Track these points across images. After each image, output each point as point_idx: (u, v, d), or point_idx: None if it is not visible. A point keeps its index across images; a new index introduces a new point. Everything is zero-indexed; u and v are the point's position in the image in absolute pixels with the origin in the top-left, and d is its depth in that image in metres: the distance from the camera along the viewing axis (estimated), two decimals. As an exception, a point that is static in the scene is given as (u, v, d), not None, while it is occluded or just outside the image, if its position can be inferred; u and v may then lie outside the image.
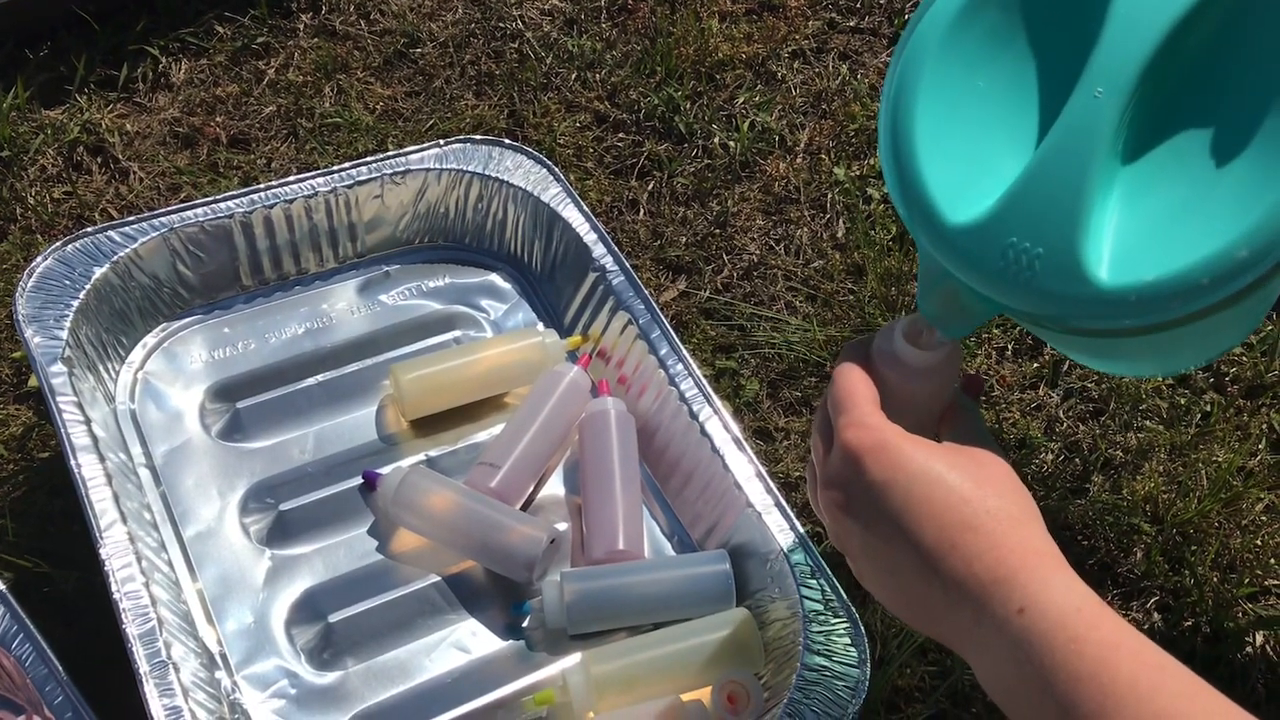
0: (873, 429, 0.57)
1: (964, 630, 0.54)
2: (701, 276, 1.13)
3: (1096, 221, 0.54)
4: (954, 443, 0.59)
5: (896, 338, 0.60)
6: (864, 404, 0.59)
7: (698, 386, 0.93)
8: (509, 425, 0.93)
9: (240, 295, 1.01)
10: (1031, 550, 0.53)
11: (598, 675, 0.80)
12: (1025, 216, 0.55)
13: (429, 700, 0.82)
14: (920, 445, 0.57)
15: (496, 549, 0.86)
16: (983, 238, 0.56)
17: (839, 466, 0.58)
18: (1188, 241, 0.52)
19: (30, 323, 0.88)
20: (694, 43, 1.31)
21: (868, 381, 0.60)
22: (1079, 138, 0.54)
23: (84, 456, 0.82)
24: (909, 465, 0.56)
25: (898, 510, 0.55)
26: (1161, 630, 0.92)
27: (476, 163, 1.04)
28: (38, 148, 1.17)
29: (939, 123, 0.58)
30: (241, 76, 1.26)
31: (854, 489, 0.57)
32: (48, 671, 0.77)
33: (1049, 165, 0.55)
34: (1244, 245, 0.51)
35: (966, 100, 0.58)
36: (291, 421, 0.95)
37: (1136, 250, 0.54)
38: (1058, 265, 0.54)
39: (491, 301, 1.05)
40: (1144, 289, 0.52)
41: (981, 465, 0.57)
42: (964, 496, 0.55)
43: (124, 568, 0.77)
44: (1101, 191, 0.55)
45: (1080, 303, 0.54)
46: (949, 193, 0.57)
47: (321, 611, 0.85)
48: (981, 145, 0.58)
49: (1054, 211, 0.55)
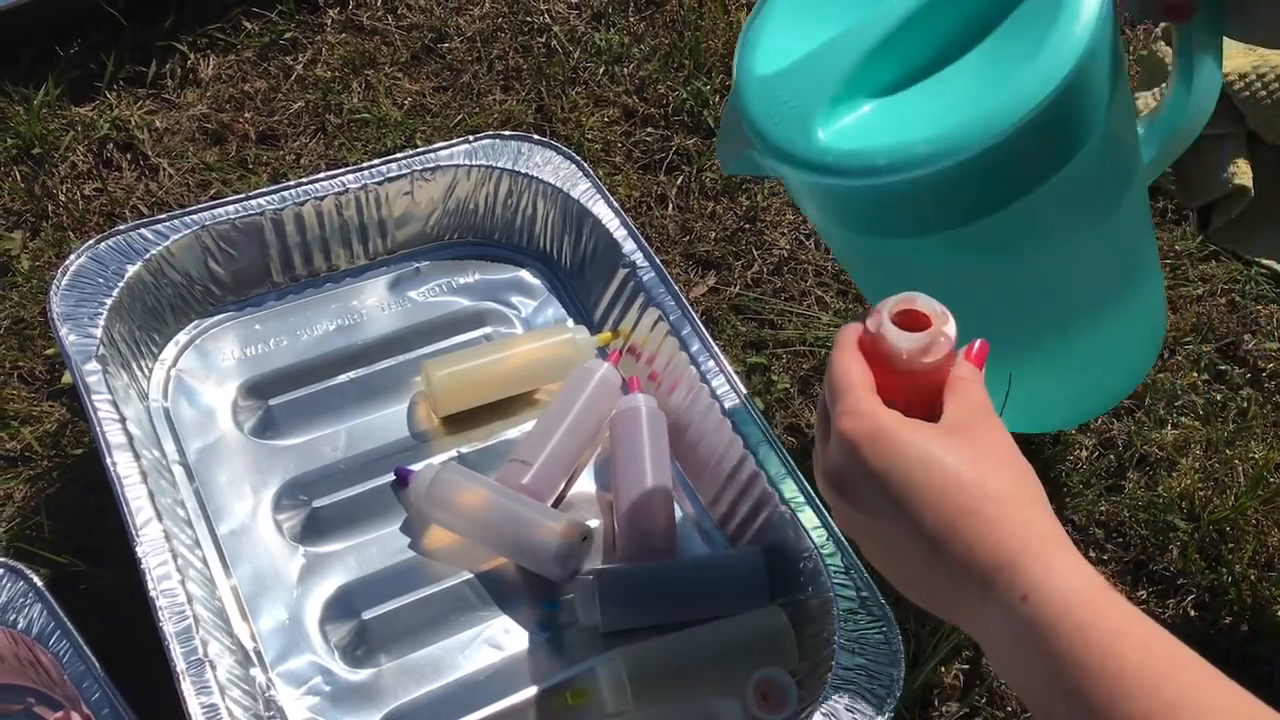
0: (867, 415, 0.56)
1: (970, 614, 0.54)
2: (731, 272, 1.13)
3: (842, 102, 0.72)
4: (953, 419, 0.58)
5: (884, 321, 0.60)
6: (858, 390, 0.58)
7: (729, 383, 0.92)
8: (540, 422, 0.93)
9: (271, 292, 1.02)
10: (1034, 533, 0.53)
11: (632, 673, 0.80)
12: (797, 79, 0.73)
13: (462, 697, 0.82)
14: (917, 429, 0.56)
15: (528, 546, 0.86)
16: (766, 85, 0.74)
17: (837, 455, 0.58)
18: (888, 134, 0.69)
19: (65, 320, 0.88)
20: (722, 36, 1.30)
21: (862, 366, 0.60)
22: (856, 38, 0.72)
23: (119, 454, 0.82)
24: (906, 451, 0.55)
25: (897, 497, 0.55)
26: (1198, 629, 0.91)
27: (506, 158, 1.04)
28: (68, 145, 1.18)
29: (785, 11, 0.77)
30: (269, 72, 1.27)
31: (853, 477, 0.57)
32: (85, 668, 0.77)
33: (828, 51, 0.73)
34: (923, 144, 0.68)
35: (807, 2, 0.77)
36: (323, 418, 0.95)
37: (854, 131, 0.71)
38: (799, 118, 0.72)
39: (521, 298, 1.05)
40: (841, 155, 0.70)
41: (981, 445, 0.56)
42: (963, 480, 0.54)
43: (160, 565, 0.78)
44: (855, 82, 0.72)
45: (799, 154, 0.71)
46: (767, 56, 0.75)
47: (355, 609, 0.85)
48: (802, 31, 0.75)
49: (815, 83, 0.72)
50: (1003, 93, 0.68)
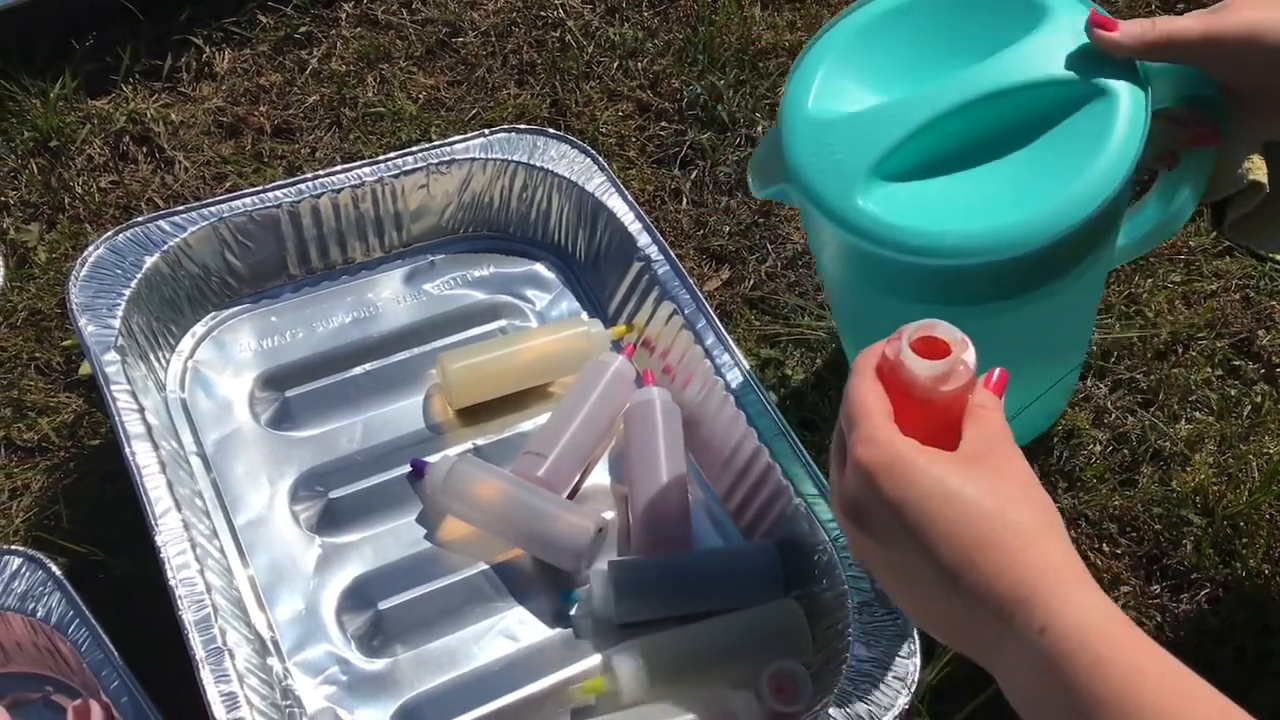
0: (884, 444, 0.56)
1: (987, 646, 0.54)
2: (745, 266, 1.13)
3: (885, 168, 0.75)
4: (972, 448, 0.57)
5: (904, 348, 0.59)
6: (875, 417, 0.57)
7: (744, 376, 0.92)
8: (555, 414, 0.93)
9: (288, 284, 1.02)
10: (1051, 566, 0.52)
11: (646, 664, 0.81)
12: (847, 134, 0.76)
13: (478, 688, 0.82)
14: (934, 459, 0.55)
15: (544, 538, 0.87)
16: (816, 130, 0.77)
17: (853, 484, 0.57)
18: (925, 215, 0.73)
19: (84, 311, 0.89)
20: (736, 31, 1.30)
21: (880, 393, 0.59)
22: (921, 104, 0.75)
23: (138, 444, 0.83)
24: (923, 481, 0.54)
25: (914, 528, 0.54)
26: (1212, 623, 0.91)
27: (521, 152, 1.04)
28: (85, 137, 1.18)
29: (844, 51, 0.81)
30: (285, 66, 1.27)
31: (869, 507, 0.56)
32: (103, 656, 0.78)
33: (882, 115, 0.76)
34: (954, 236, 0.72)
35: (865, 50, 0.80)
36: (340, 410, 0.96)
37: (893, 201, 0.74)
38: (844, 174, 0.75)
39: (536, 291, 1.05)
40: (879, 223, 0.73)
41: (999, 474, 0.56)
42: (981, 511, 0.54)
43: (179, 554, 0.78)
44: (900, 152, 0.75)
45: (837, 210, 0.75)
46: (820, 100, 0.79)
47: (371, 599, 0.85)
48: (858, 79, 0.79)
49: (864, 143, 0.75)
50: (1041, 205, 0.72)
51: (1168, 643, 0.89)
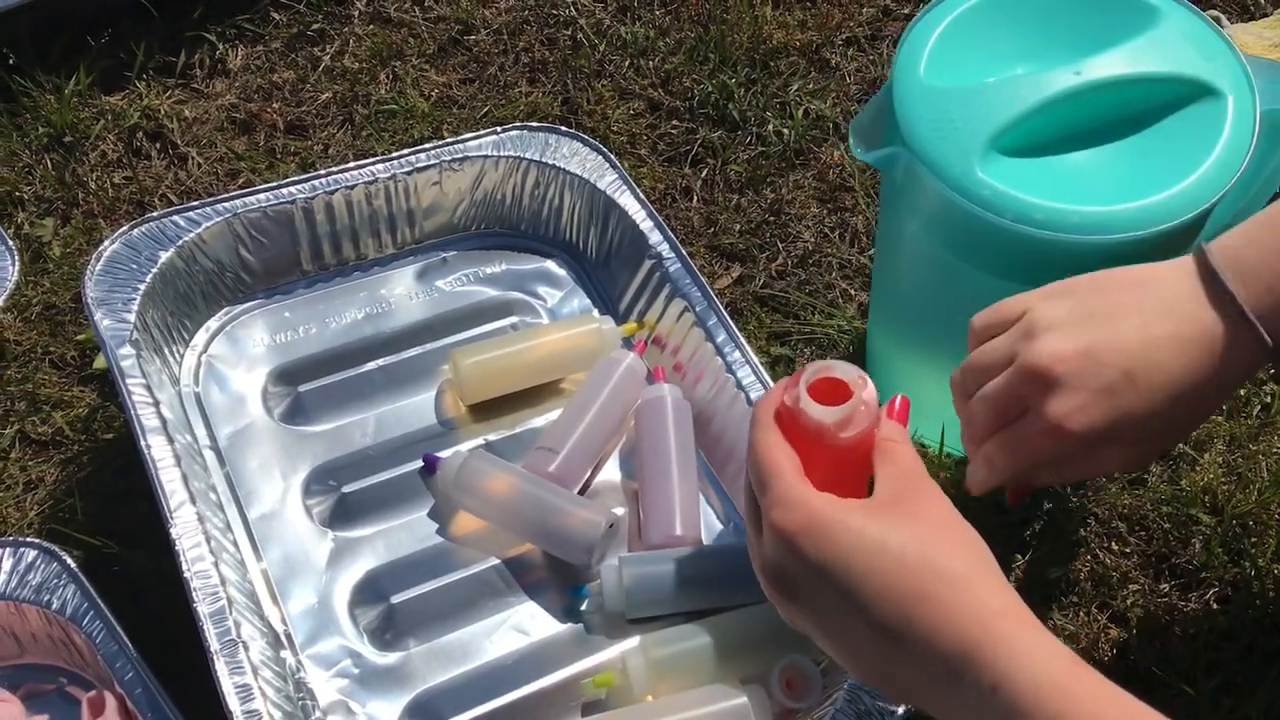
0: (799, 505, 0.54)
1: (939, 704, 0.52)
2: (755, 264, 1.13)
3: (1002, 142, 0.76)
4: (887, 492, 0.55)
5: (802, 395, 0.58)
6: (786, 476, 0.55)
7: (755, 375, 0.93)
8: (566, 411, 0.94)
9: (301, 280, 1.02)
10: (991, 613, 0.51)
11: (656, 659, 0.81)
12: (966, 103, 0.78)
13: (489, 682, 0.83)
14: (854, 512, 0.53)
15: (556, 533, 0.87)
16: (934, 96, 0.79)
17: (773, 551, 0.55)
18: (1042, 190, 0.75)
19: (99, 306, 0.89)
20: (747, 30, 1.31)
21: (785, 449, 0.57)
22: (1038, 85, 0.78)
23: (153, 438, 0.83)
24: (845, 539, 0.52)
25: (844, 589, 0.52)
26: (1221, 623, 0.92)
27: (534, 150, 1.04)
28: (98, 133, 1.19)
29: (954, 24, 0.83)
30: (297, 63, 1.27)
31: (793, 572, 0.54)
32: (118, 648, 0.78)
33: (1003, 89, 0.78)
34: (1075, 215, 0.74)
35: (975, 27, 0.83)
36: (352, 405, 0.96)
37: (1009, 175, 0.76)
38: (963, 140, 0.76)
39: (547, 288, 1.05)
40: (999, 193, 0.75)
41: (920, 517, 0.54)
42: (908, 562, 0.52)
43: (194, 547, 0.78)
44: (1017, 128, 0.77)
45: (956, 178, 0.75)
46: (934, 66, 0.81)
47: (384, 593, 0.86)
48: (971, 51, 0.81)
49: (984, 114, 0.77)
50: (1161, 192, 0.75)
51: (1175, 641, 0.90)
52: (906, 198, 0.83)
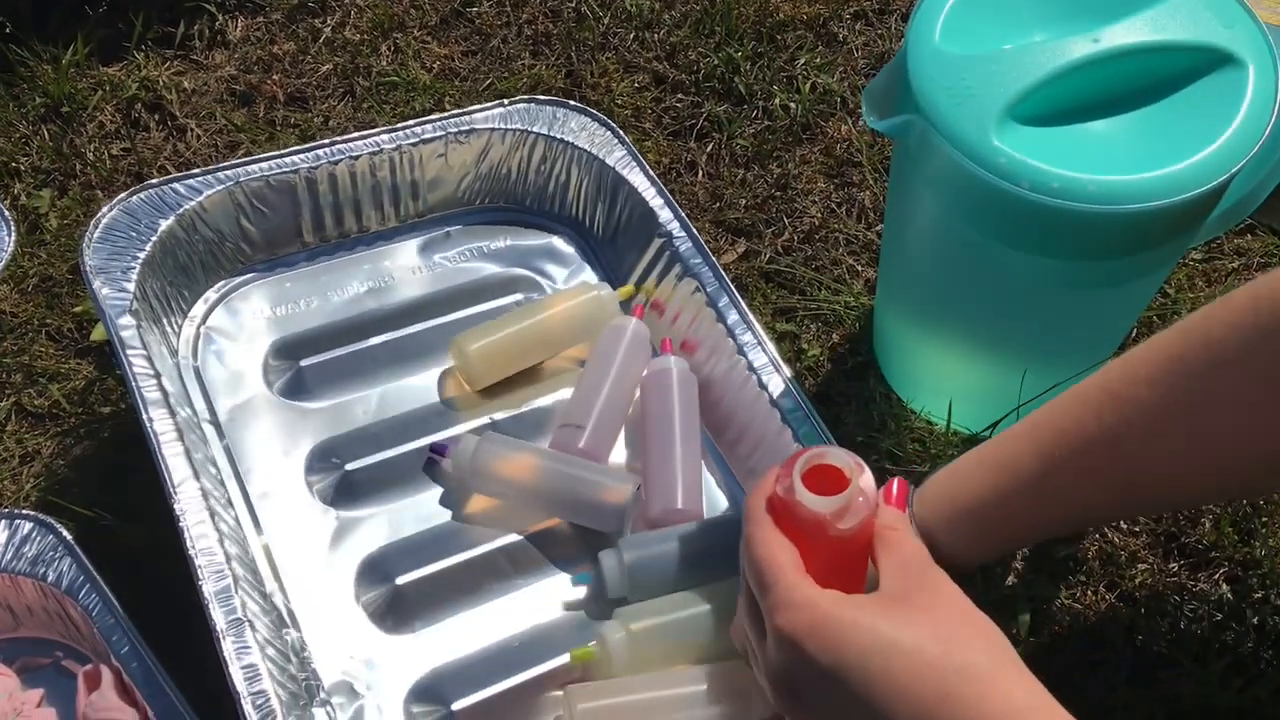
0: (805, 605, 0.51)
1: None
2: (761, 239, 1.12)
3: (1019, 110, 0.75)
4: (895, 584, 0.53)
5: (796, 485, 0.55)
6: (787, 575, 0.53)
7: (766, 355, 0.91)
8: (582, 384, 0.92)
9: (302, 252, 1.01)
10: (1016, 710, 0.49)
11: (636, 632, 0.79)
12: (982, 70, 0.77)
13: (493, 665, 0.81)
14: (863, 610, 0.51)
15: (586, 504, 0.86)
16: (950, 62, 0.77)
17: (779, 656, 0.52)
18: (1059, 159, 0.73)
19: (98, 274, 0.88)
20: (754, 3, 1.29)
21: (783, 544, 0.55)
22: (1056, 52, 0.76)
23: (155, 410, 0.82)
24: (857, 640, 0.50)
25: (859, 693, 0.50)
26: (1230, 602, 0.91)
27: (540, 123, 1.03)
28: (96, 104, 1.17)
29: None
30: (298, 34, 1.26)
31: (802, 678, 0.52)
32: (114, 621, 0.77)
33: (1019, 56, 0.77)
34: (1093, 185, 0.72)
35: None
36: (355, 381, 0.95)
37: (1025, 143, 0.74)
38: (979, 107, 0.75)
39: (553, 265, 1.04)
40: (1016, 162, 0.73)
41: (933, 610, 0.52)
42: (927, 661, 0.49)
43: (198, 523, 0.77)
44: (1033, 96, 0.75)
45: (973, 146, 0.74)
46: (950, 32, 0.79)
47: (388, 574, 0.84)
48: (986, 18, 0.80)
49: (1000, 81, 0.76)
50: (1180, 162, 0.73)
51: (1184, 621, 0.89)
52: (920, 167, 0.82)
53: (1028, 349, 0.90)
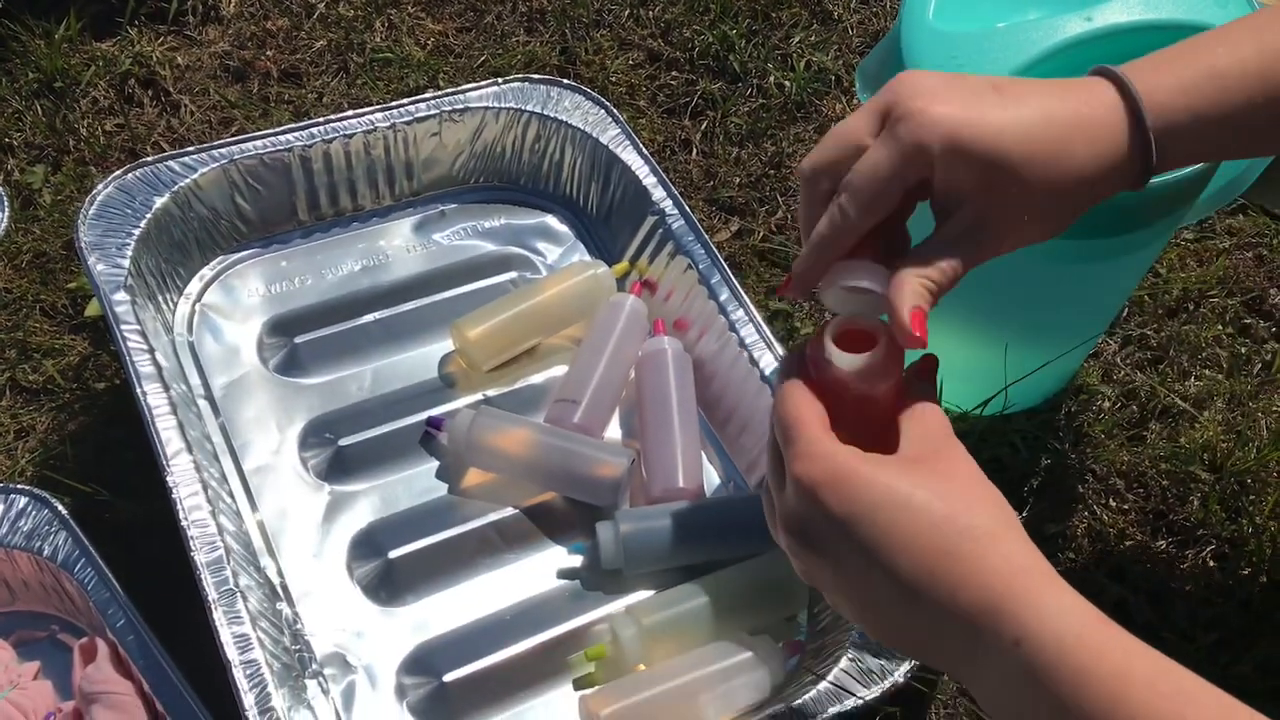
0: (824, 457, 0.53)
1: (957, 659, 0.51)
2: (755, 218, 1.12)
3: None
4: (914, 448, 0.54)
5: (828, 345, 0.56)
6: (812, 428, 0.54)
7: (758, 333, 0.92)
8: (578, 360, 0.93)
9: (297, 230, 1.01)
10: (1017, 569, 0.50)
11: (649, 626, 0.80)
12: (974, 47, 0.77)
13: (486, 637, 0.82)
14: (880, 466, 0.52)
15: (581, 478, 0.87)
16: (942, 39, 0.78)
17: (796, 502, 0.54)
18: None
19: (93, 250, 0.88)
20: (748, -19, 1.29)
21: (812, 401, 0.56)
22: (1049, 30, 0.77)
23: (149, 385, 0.82)
24: (870, 492, 0.51)
25: (866, 543, 0.51)
26: (1218, 579, 0.92)
27: (535, 102, 1.03)
28: (89, 80, 1.17)
29: None
30: (291, 10, 1.25)
31: (816, 525, 0.53)
32: (109, 594, 0.78)
33: (1010, 35, 0.77)
34: None
35: None
36: (349, 358, 0.95)
37: None
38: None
39: (547, 244, 1.04)
40: None
41: (947, 475, 0.53)
42: (934, 519, 0.51)
43: (191, 496, 0.78)
44: (1033, 72, 0.75)
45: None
46: (941, 10, 0.79)
47: (381, 548, 0.85)
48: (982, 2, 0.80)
49: (991, 59, 0.76)
50: None
51: (1173, 597, 0.90)
52: None
53: (1017, 327, 0.90)
